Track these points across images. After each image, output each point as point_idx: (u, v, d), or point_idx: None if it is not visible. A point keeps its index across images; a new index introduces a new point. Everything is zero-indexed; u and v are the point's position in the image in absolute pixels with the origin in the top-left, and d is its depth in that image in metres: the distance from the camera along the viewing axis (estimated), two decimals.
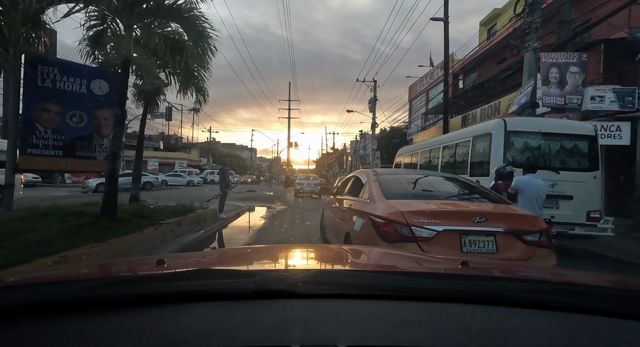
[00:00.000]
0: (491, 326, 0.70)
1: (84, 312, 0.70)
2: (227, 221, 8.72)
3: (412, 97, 33.05)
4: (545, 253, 2.94)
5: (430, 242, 2.81)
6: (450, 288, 0.85)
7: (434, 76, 29.81)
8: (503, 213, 3.18)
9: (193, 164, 46.93)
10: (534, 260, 2.84)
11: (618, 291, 0.94)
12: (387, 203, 3.20)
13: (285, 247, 2.13)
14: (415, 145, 10.03)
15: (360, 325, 0.67)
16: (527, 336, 0.67)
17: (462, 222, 2.91)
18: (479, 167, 6.33)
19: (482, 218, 2.89)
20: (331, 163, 57.82)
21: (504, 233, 2.90)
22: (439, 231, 2.83)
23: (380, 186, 3.57)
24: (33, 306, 0.71)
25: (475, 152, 6.45)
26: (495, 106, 14.54)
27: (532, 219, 3.08)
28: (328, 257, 1.43)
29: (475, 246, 2.83)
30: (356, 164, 42.78)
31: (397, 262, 1.31)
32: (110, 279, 0.96)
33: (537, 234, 2.93)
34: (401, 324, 0.68)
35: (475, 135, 6.54)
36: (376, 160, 25.26)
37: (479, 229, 2.86)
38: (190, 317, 0.68)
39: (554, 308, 0.76)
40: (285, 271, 1.07)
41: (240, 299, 0.75)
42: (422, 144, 9.52)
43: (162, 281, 0.86)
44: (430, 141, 9.09)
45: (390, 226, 2.91)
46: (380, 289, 0.81)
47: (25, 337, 0.63)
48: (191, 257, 1.62)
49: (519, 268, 1.45)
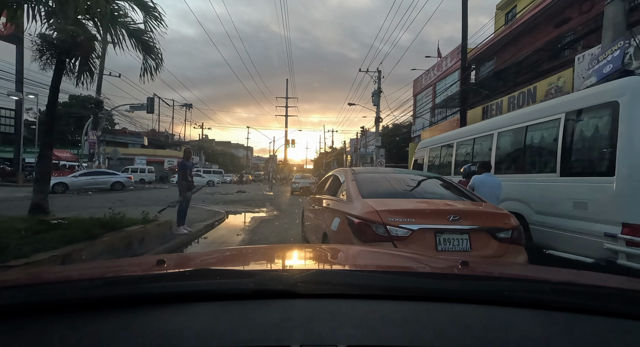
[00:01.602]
0: (491, 326, 0.70)
1: (84, 312, 0.70)
2: (188, 238, 6.21)
3: (417, 92, 30.90)
4: (517, 250, 3.02)
5: (406, 241, 2.83)
6: (450, 288, 0.83)
7: (442, 68, 27.57)
8: (477, 211, 3.25)
9: None
10: (507, 257, 2.91)
11: (618, 291, 0.91)
12: (364, 202, 3.19)
13: (285, 247, 2.13)
14: (447, 135, 7.59)
15: (360, 325, 0.66)
16: (527, 336, 0.66)
17: (437, 221, 2.92)
18: (586, 161, 3.84)
19: (456, 216, 2.93)
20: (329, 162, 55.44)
21: (477, 231, 2.95)
22: (414, 230, 2.86)
23: (357, 185, 3.57)
24: (33, 306, 0.70)
25: (576, 135, 3.96)
26: (529, 92, 12.10)
27: (504, 217, 3.12)
28: (328, 257, 1.42)
29: (449, 244, 2.87)
30: (357, 163, 40.35)
31: (397, 262, 1.32)
32: (110, 279, 0.91)
33: (509, 232, 3.00)
34: (401, 324, 0.68)
35: (575, 108, 4.03)
36: (380, 159, 22.76)
37: (454, 228, 2.90)
38: (190, 317, 0.68)
39: (554, 308, 0.76)
40: (285, 270, 1.08)
41: (240, 299, 0.75)
42: (458, 133, 7.03)
43: (162, 281, 0.84)
44: (472, 128, 6.59)
45: (366, 225, 2.92)
46: (380, 289, 0.80)
47: (25, 337, 0.63)
48: (191, 257, 1.64)
49: (519, 268, 1.42)
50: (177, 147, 47.48)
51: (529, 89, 12.10)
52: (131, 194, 15.27)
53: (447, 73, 25.31)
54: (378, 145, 23.14)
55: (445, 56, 26.72)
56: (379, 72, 24.06)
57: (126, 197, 14.09)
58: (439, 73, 27.03)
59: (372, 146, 40.63)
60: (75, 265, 2.12)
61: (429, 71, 28.91)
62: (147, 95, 25.24)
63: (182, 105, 48.18)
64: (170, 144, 46.43)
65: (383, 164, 22.76)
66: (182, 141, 48.71)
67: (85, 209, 8.44)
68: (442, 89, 24.81)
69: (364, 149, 40.29)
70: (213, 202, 13.66)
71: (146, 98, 22.94)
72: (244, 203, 13.96)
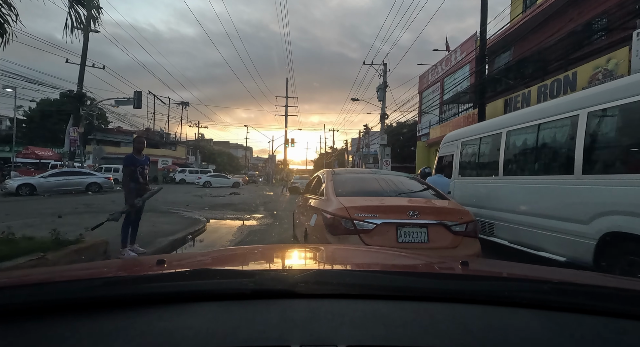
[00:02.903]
0: (491, 326, 0.70)
1: (84, 312, 0.69)
2: None
3: (422, 88, 29.26)
4: (470, 242, 3.27)
5: (370, 234, 3.08)
6: (450, 288, 0.83)
7: (450, 62, 25.87)
8: (435, 207, 3.48)
9: (179, 162, 42.60)
10: (461, 248, 3.16)
11: (618, 291, 0.91)
12: (336, 200, 3.43)
13: (285, 247, 2.16)
14: (490, 123, 5.78)
15: (360, 325, 0.66)
16: (527, 336, 0.66)
17: (398, 216, 3.16)
18: None
19: (415, 212, 3.17)
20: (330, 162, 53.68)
21: (434, 225, 3.19)
22: (378, 224, 3.10)
23: (333, 185, 3.84)
24: (33, 306, 0.70)
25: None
26: (567, 80, 10.32)
27: (460, 212, 3.39)
28: (328, 257, 1.42)
29: (409, 237, 3.12)
30: (359, 163, 38.54)
31: (397, 262, 1.33)
32: (110, 279, 0.91)
33: (464, 225, 3.24)
34: (401, 324, 0.68)
35: None
36: (386, 158, 20.97)
37: (413, 222, 3.14)
38: (190, 317, 0.68)
39: (554, 308, 0.76)
40: (285, 270, 1.07)
41: (240, 299, 0.75)
42: (511, 118, 5.21)
43: (162, 281, 0.84)
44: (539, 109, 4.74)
45: (336, 220, 3.16)
46: (380, 289, 0.80)
47: (25, 337, 0.63)
48: (191, 257, 1.64)
49: (519, 268, 1.37)
50: (172, 146, 45.69)
51: (567, 76, 10.35)
52: (106, 198, 13.53)
53: (457, 67, 23.64)
54: (383, 144, 21.36)
55: (454, 49, 25.05)
56: (384, 65, 22.31)
57: (96, 201, 12.28)
58: (447, 68, 25.38)
59: (375, 145, 38.86)
60: (76, 265, 1.95)
61: (436, 66, 27.33)
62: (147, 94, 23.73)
63: (178, 103, 46.39)
64: (165, 143, 44.58)
65: (389, 163, 20.96)
66: (179, 140, 46.94)
67: (25, 218, 6.64)
68: (450, 85, 23.09)
69: (366, 149, 38.45)
70: (199, 206, 11.89)
71: (133, 92, 21.16)
72: (235, 207, 12.15)
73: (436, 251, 3.08)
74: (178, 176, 35.61)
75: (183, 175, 35.82)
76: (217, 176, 30.68)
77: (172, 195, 16.62)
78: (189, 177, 34.27)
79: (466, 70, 22.79)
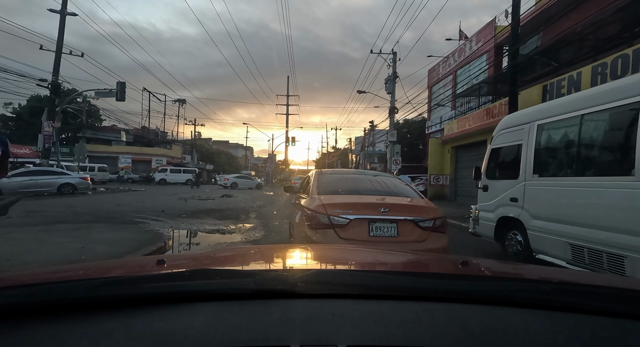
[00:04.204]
0: (491, 326, 0.69)
1: (84, 312, 0.69)
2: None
3: (432, 82, 27.19)
4: (437, 236, 3.47)
5: (345, 228, 3.34)
6: (450, 288, 0.83)
7: (464, 52, 23.73)
8: (405, 205, 3.70)
9: (174, 161, 40.52)
10: (427, 242, 3.37)
11: (618, 291, 0.91)
12: (317, 198, 3.71)
13: (285, 247, 2.07)
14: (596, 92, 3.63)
15: (360, 325, 0.66)
16: (527, 336, 0.66)
17: (370, 212, 3.42)
18: None
19: (386, 209, 3.42)
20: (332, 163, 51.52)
21: (403, 221, 3.41)
22: (351, 219, 3.35)
23: (317, 184, 4.10)
24: (33, 306, 0.70)
25: None
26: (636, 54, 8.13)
27: (429, 210, 3.58)
28: (328, 257, 1.41)
29: (380, 231, 3.34)
30: (364, 163, 36.28)
31: (397, 262, 1.32)
32: (110, 279, 0.88)
33: (431, 221, 3.45)
34: (401, 324, 0.68)
35: None
36: (395, 156, 18.78)
37: (384, 218, 3.37)
38: (190, 317, 0.67)
39: (554, 308, 0.75)
40: (285, 270, 1.06)
41: (240, 299, 0.74)
42: (622, 88, 3.08)
43: (162, 281, 0.83)
44: None
45: (315, 216, 3.44)
46: (380, 289, 0.80)
47: (25, 337, 0.63)
48: (191, 257, 1.63)
49: (519, 268, 1.37)
50: (167, 145, 43.63)
51: (636, 50, 8.16)
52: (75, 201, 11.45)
53: (473, 57, 21.49)
54: (393, 141, 19.18)
55: (470, 38, 22.93)
56: (394, 54, 20.12)
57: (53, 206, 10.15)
58: (461, 59, 23.27)
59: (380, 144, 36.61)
60: (76, 265, 1.75)
61: (447, 58, 25.24)
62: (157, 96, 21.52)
63: (174, 100, 44.30)
64: (160, 142, 42.51)
65: (399, 163, 18.78)
66: (174, 139, 44.89)
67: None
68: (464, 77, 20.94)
69: (371, 148, 36.20)
70: (177, 213, 9.75)
71: (116, 83, 19.08)
72: (221, 215, 9.95)
73: (404, 245, 3.28)
74: (158, 176, 32.28)
75: (163, 175, 32.15)
76: (242, 177, 31.02)
77: (151, 199, 14.51)
78: (170, 177, 31.64)
79: (484, 61, 20.70)
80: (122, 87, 19.25)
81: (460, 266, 1.08)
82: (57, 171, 15.76)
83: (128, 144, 39.80)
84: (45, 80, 17.21)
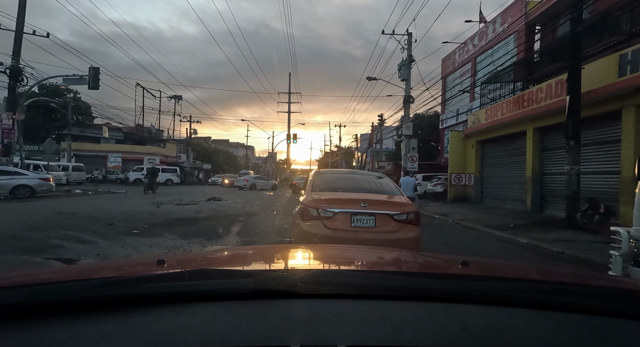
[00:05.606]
0: (491, 326, 0.70)
1: (84, 312, 0.69)
2: None
3: (447, 72, 24.50)
4: (410, 228, 3.89)
5: (330, 220, 3.81)
6: (450, 288, 0.83)
7: (486, 36, 20.99)
8: (383, 201, 4.13)
9: (169, 160, 38.01)
10: (401, 232, 3.81)
11: (618, 291, 0.91)
12: (311, 194, 4.20)
13: (285, 247, 2.09)
14: None
15: (360, 325, 0.66)
16: (527, 336, 0.66)
17: (352, 207, 3.87)
18: None
19: (365, 204, 3.86)
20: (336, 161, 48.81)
21: (380, 214, 3.86)
22: (336, 212, 3.82)
23: (313, 183, 4.63)
24: (33, 306, 0.70)
25: None
26: None
27: (403, 205, 4.05)
28: (328, 257, 1.40)
29: (360, 223, 3.80)
30: (371, 162, 33.59)
31: (397, 262, 1.32)
32: (110, 279, 0.88)
33: (404, 215, 3.88)
34: (401, 324, 0.68)
35: None
36: (412, 152, 16.09)
37: (363, 211, 3.83)
38: (190, 317, 0.67)
39: (554, 308, 0.75)
40: (285, 270, 1.06)
41: (240, 299, 0.74)
42: None
43: (162, 281, 0.83)
44: None
45: (307, 209, 3.92)
46: (380, 289, 0.80)
47: (25, 337, 0.63)
48: (191, 257, 1.62)
49: (519, 268, 1.38)
50: (161, 143, 41.15)
51: None
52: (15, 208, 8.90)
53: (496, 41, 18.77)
54: (408, 134, 16.48)
55: (492, 20, 20.24)
56: (409, 35, 17.43)
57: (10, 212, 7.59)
58: (482, 43, 20.56)
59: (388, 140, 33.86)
60: (76, 265, 1.83)
61: (465, 43, 22.57)
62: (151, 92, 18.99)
63: (170, 97, 41.79)
64: (153, 140, 40.00)
65: (415, 159, 16.09)
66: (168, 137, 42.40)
67: None
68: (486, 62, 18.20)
69: (378, 146, 33.41)
70: (130, 227, 7.18)
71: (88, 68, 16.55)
72: (188, 229, 7.21)
73: (381, 234, 3.78)
74: (132, 176, 28.79)
75: (139, 174, 27.23)
76: (260, 179, 31.84)
77: (116, 204, 11.95)
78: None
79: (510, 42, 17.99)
80: (96, 73, 16.72)
81: (460, 266, 1.08)
82: (10, 171, 13.25)
83: (118, 142, 37.35)
84: (1, 64, 14.63)
